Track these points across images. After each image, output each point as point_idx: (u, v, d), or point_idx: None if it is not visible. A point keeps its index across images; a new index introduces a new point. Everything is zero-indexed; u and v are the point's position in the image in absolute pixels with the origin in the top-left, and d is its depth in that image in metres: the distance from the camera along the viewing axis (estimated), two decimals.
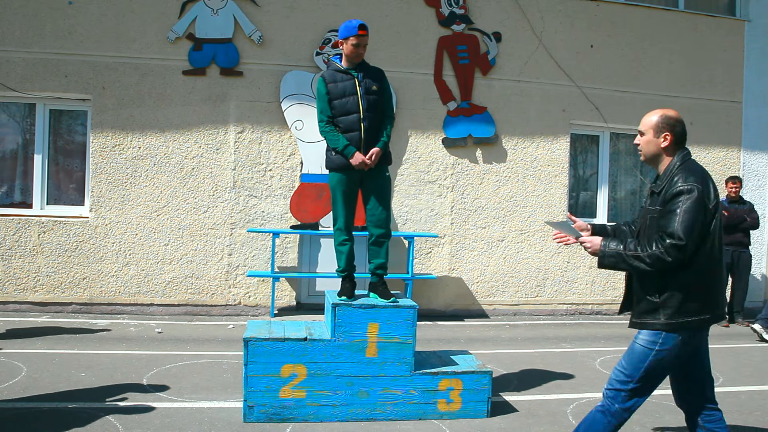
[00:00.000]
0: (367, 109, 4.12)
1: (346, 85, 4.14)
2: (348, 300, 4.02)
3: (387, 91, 4.29)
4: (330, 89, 4.15)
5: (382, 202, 4.20)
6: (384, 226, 4.22)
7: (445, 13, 7.58)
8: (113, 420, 3.74)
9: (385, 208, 4.21)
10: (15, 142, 7.20)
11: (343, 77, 4.16)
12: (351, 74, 4.15)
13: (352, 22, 4.07)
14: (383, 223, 4.21)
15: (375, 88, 4.16)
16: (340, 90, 4.14)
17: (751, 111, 8.58)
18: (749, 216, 7.63)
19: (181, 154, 7.10)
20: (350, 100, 4.12)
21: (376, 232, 4.21)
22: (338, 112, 4.14)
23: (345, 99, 4.13)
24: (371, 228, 4.23)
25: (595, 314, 8.10)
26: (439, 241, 7.61)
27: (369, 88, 4.15)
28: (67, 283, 6.93)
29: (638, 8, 8.23)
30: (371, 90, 4.15)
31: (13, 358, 4.99)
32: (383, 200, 4.21)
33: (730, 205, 7.68)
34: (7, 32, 6.84)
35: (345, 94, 4.13)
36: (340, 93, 4.14)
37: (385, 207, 4.21)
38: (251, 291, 7.23)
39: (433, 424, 3.93)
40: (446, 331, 6.80)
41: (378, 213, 4.19)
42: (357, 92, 4.12)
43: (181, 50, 7.06)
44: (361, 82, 4.14)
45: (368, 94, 4.14)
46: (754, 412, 4.32)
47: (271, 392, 3.84)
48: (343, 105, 4.13)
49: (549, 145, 7.92)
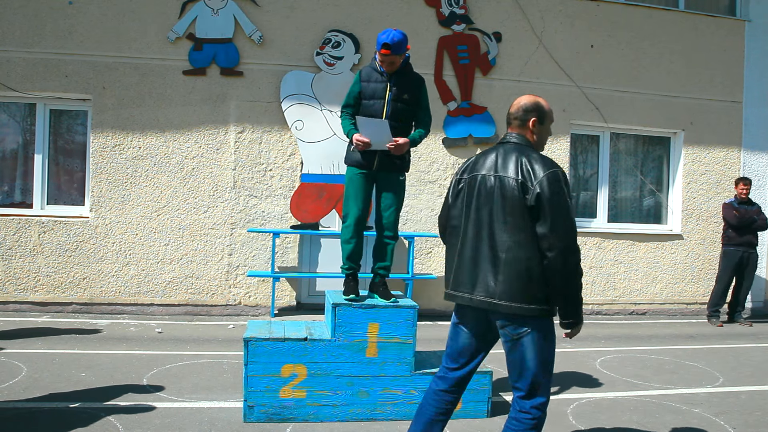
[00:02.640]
0: (390, 116, 4.05)
1: (376, 87, 4.09)
2: (356, 298, 4.01)
3: (424, 97, 4.20)
4: (363, 87, 4.12)
5: (393, 205, 4.16)
6: (391, 229, 4.19)
7: (445, 13, 7.58)
8: (113, 420, 3.74)
9: (395, 212, 4.18)
10: (15, 142, 7.20)
11: (377, 78, 4.10)
12: (385, 78, 4.08)
13: (381, 37, 3.96)
14: (391, 225, 4.18)
15: (405, 96, 4.08)
16: (370, 90, 4.11)
17: (751, 111, 8.58)
18: (758, 217, 7.63)
19: (181, 154, 7.10)
20: (377, 104, 4.07)
21: (383, 233, 4.20)
22: (364, 112, 4.12)
23: (372, 101, 4.09)
24: (378, 229, 4.22)
25: (596, 314, 8.10)
26: (439, 241, 7.61)
27: (399, 96, 4.07)
28: (67, 283, 6.93)
29: (638, 8, 8.23)
30: (401, 98, 4.07)
31: (13, 358, 4.99)
32: (394, 203, 4.16)
33: (740, 206, 7.67)
34: (7, 32, 6.84)
35: (374, 96, 4.09)
36: (370, 94, 4.10)
37: (394, 210, 4.17)
38: (251, 291, 7.24)
39: None
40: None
41: (387, 215, 4.16)
42: (385, 97, 4.06)
43: (181, 50, 7.06)
44: (392, 87, 4.07)
45: (396, 101, 4.07)
46: (755, 412, 4.32)
47: (272, 392, 3.84)
48: (369, 106, 4.09)
49: (549, 145, 7.92)
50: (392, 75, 4.08)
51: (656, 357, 5.90)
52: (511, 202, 2.63)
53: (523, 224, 2.61)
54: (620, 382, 4.98)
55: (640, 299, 8.26)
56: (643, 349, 6.21)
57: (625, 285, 8.20)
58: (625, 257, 8.19)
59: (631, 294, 8.22)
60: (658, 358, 5.87)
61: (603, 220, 8.33)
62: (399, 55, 3.99)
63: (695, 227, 8.45)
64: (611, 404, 4.42)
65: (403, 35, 3.96)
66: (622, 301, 8.20)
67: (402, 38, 3.95)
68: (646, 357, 5.89)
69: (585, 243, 8.04)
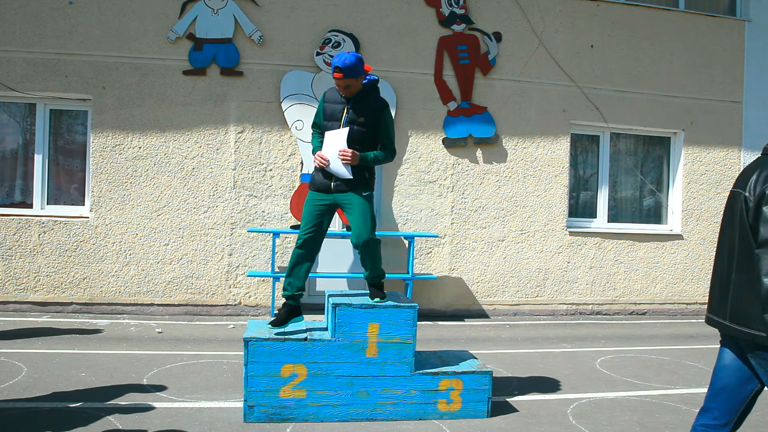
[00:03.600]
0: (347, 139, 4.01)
1: (335, 109, 4.09)
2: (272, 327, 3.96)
3: (384, 123, 4.12)
4: (325, 108, 4.15)
5: (360, 219, 4.06)
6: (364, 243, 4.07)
7: (445, 13, 7.58)
8: (113, 420, 3.74)
9: (364, 225, 4.06)
10: (15, 142, 7.20)
11: (337, 99, 4.11)
12: (344, 100, 4.08)
13: (333, 60, 3.93)
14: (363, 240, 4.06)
15: (362, 120, 4.03)
16: (330, 111, 4.12)
17: (751, 111, 8.58)
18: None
19: (181, 154, 7.10)
20: (334, 125, 4.07)
21: (357, 247, 4.13)
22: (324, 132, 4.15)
23: (331, 123, 4.09)
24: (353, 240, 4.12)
25: (596, 314, 8.10)
26: (439, 241, 7.61)
27: (355, 119, 4.03)
28: (67, 283, 6.93)
29: (638, 8, 8.23)
30: (357, 121, 4.03)
31: (13, 358, 4.99)
32: (361, 219, 4.06)
33: None
34: (7, 32, 6.84)
35: (332, 118, 4.10)
36: (330, 115, 4.12)
37: (363, 224, 4.06)
38: (251, 291, 7.24)
39: (434, 424, 3.93)
40: (446, 331, 6.80)
41: (357, 230, 4.07)
42: (341, 120, 4.06)
43: (181, 50, 7.06)
44: (349, 109, 4.05)
45: (352, 123, 4.03)
46: (754, 412, 4.31)
47: (272, 392, 3.84)
48: (328, 127, 4.10)
49: (549, 145, 7.92)
50: (353, 98, 4.06)
51: (656, 357, 5.90)
52: (746, 221, 2.46)
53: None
54: (620, 382, 4.98)
55: (640, 299, 8.26)
56: (643, 349, 6.21)
57: (625, 285, 8.20)
58: (625, 257, 8.19)
59: (631, 294, 8.22)
60: (658, 358, 5.87)
61: (603, 220, 8.33)
62: (354, 78, 3.93)
63: (695, 227, 8.45)
64: (611, 404, 4.42)
65: (357, 58, 3.91)
66: (622, 301, 8.20)
67: (355, 61, 3.89)
68: (646, 357, 5.89)
69: (585, 243, 8.04)
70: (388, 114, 4.17)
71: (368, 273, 4.21)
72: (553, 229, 7.94)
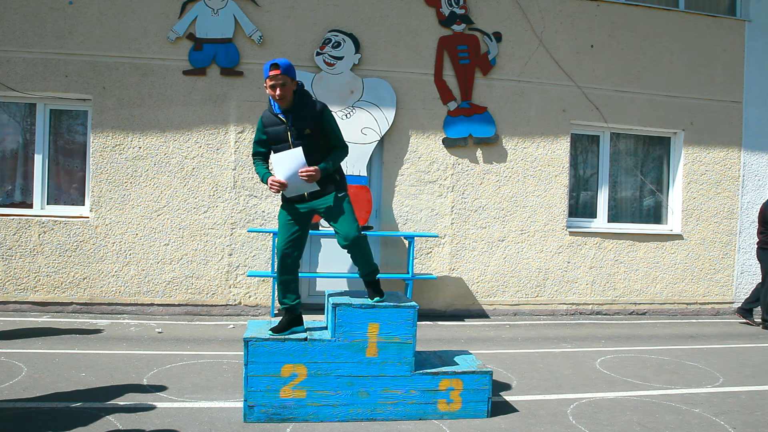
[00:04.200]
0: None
1: (278, 131, 4.02)
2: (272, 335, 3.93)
3: (328, 126, 4.06)
4: (267, 132, 4.07)
5: (344, 219, 4.05)
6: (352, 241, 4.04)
7: (445, 13, 7.58)
8: (113, 420, 3.74)
9: (347, 223, 4.04)
10: (15, 142, 7.20)
11: (275, 121, 4.03)
12: (282, 119, 4.01)
13: (265, 65, 3.91)
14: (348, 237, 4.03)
15: (308, 131, 3.99)
16: (274, 136, 4.04)
17: (751, 111, 8.58)
18: None
19: (181, 154, 7.10)
20: (284, 147, 4.01)
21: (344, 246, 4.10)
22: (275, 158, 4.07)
23: (280, 145, 4.03)
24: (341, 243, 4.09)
25: (596, 314, 8.10)
26: (439, 241, 7.61)
27: (301, 133, 3.98)
28: (67, 283, 6.93)
29: (638, 8, 8.23)
30: (303, 134, 3.98)
31: (13, 358, 4.99)
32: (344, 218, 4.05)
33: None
34: (7, 32, 6.84)
35: (279, 141, 4.03)
36: (275, 139, 4.04)
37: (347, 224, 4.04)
38: (251, 291, 7.24)
39: (434, 424, 3.93)
40: (446, 331, 6.80)
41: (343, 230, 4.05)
42: (288, 139, 4.00)
43: (181, 50, 7.06)
44: (291, 127, 3.99)
45: (300, 138, 3.98)
46: (755, 412, 4.32)
47: (272, 392, 3.84)
48: (279, 150, 4.03)
49: (549, 145, 7.92)
50: (288, 113, 3.98)
51: (656, 357, 5.90)
52: None
53: None
54: (620, 382, 4.98)
55: (640, 299, 8.26)
56: (643, 349, 6.21)
57: (625, 285, 8.20)
58: (626, 257, 8.19)
59: (631, 294, 8.22)
60: (658, 358, 5.87)
61: (603, 220, 8.33)
62: (290, 78, 3.90)
63: (695, 227, 8.45)
64: (611, 404, 4.42)
65: (289, 62, 3.92)
66: (622, 301, 8.20)
67: (289, 63, 3.90)
68: (646, 357, 5.89)
69: (585, 243, 8.05)
70: (329, 114, 4.08)
71: (362, 270, 4.17)
72: (553, 229, 7.94)
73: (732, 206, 8.55)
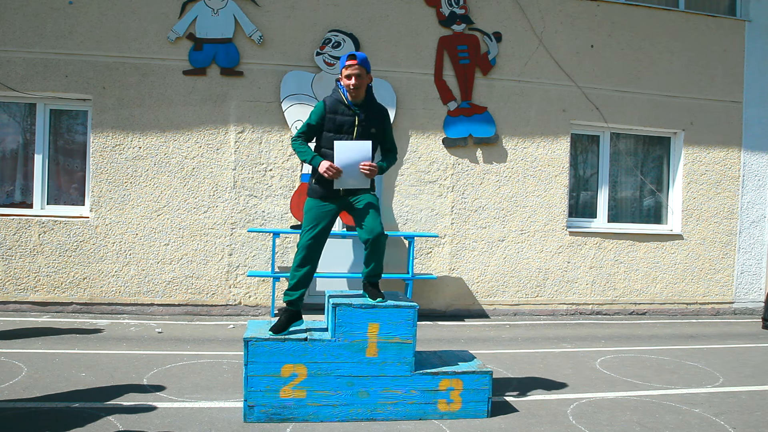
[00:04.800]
0: None
1: (344, 121, 4.01)
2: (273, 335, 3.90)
3: (389, 128, 4.20)
4: (327, 119, 4.03)
5: (373, 214, 4.07)
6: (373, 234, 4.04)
7: (445, 13, 7.58)
8: (113, 420, 3.74)
9: (376, 221, 4.06)
10: (15, 142, 7.20)
11: (344, 111, 4.03)
12: (353, 111, 4.02)
13: (342, 57, 4.00)
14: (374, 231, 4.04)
15: (373, 130, 4.05)
16: (337, 123, 4.02)
17: (751, 111, 8.58)
18: None
19: (181, 154, 7.10)
20: (344, 138, 4.01)
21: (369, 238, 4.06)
22: (329, 144, 4.02)
23: (340, 135, 4.01)
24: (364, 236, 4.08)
25: (596, 314, 8.10)
26: (439, 241, 7.61)
27: (367, 130, 4.03)
28: (67, 283, 6.93)
29: (638, 8, 8.23)
30: (369, 132, 4.03)
31: (13, 358, 4.99)
32: (373, 213, 4.07)
33: None
34: (7, 32, 6.84)
35: (341, 130, 4.01)
36: (337, 127, 4.02)
37: (374, 218, 4.06)
38: (251, 291, 7.24)
39: (434, 424, 3.93)
40: (446, 331, 6.80)
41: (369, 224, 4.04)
42: (353, 132, 4.01)
43: (181, 50, 7.06)
44: (361, 122, 4.02)
45: (364, 136, 4.02)
46: (755, 412, 4.32)
47: (272, 392, 3.84)
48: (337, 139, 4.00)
49: (549, 145, 7.92)
50: (359, 107, 4.03)
51: (656, 357, 5.90)
52: None
53: None
54: (620, 382, 4.98)
55: (640, 299, 8.26)
56: (643, 349, 6.21)
57: (625, 285, 8.20)
58: (626, 257, 8.19)
59: (631, 294, 8.22)
60: (658, 358, 5.87)
61: (603, 220, 8.33)
62: (366, 71, 3.96)
63: (695, 227, 8.45)
64: (611, 404, 4.42)
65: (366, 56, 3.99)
66: (622, 301, 8.20)
67: (365, 56, 3.97)
68: (646, 357, 5.89)
69: (585, 243, 8.05)
70: (389, 120, 4.23)
71: (371, 269, 4.14)
72: (553, 229, 7.94)
73: (732, 206, 8.55)
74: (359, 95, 4.02)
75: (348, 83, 3.97)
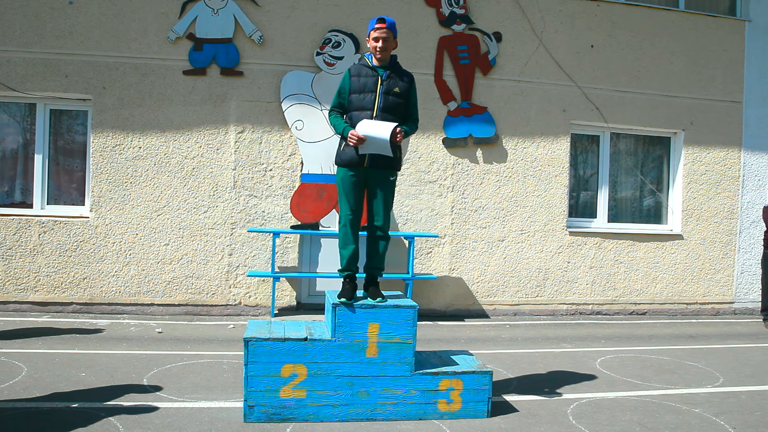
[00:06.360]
0: (383, 108, 4.05)
1: (367, 81, 4.09)
2: (347, 301, 3.99)
3: (413, 93, 4.25)
4: (352, 82, 4.12)
5: (384, 203, 4.14)
6: (383, 229, 4.17)
7: (445, 13, 7.58)
8: (113, 420, 3.74)
9: (386, 210, 4.15)
10: (15, 141, 7.20)
11: (368, 72, 4.11)
12: (376, 71, 4.10)
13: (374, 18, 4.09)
14: (382, 225, 4.16)
15: (397, 90, 4.11)
16: (360, 84, 4.10)
17: (751, 111, 8.58)
18: None
19: (181, 154, 7.10)
20: (368, 97, 4.07)
21: (375, 233, 4.18)
22: (354, 106, 4.10)
23: (363, 95, 4.08)
24: (370, 229, 4.20)
25: (596, 314, 8.10)
26: (439, 241, 7.61)
27: (390, 89, 4.09)
28: (67, 283, 6.93)
29: (638, 8, 8.23)
30: (392, 91, 4.09)
31: (13, 358, 4.99)
32: (385, 202, 4.15)
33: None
34: (7, 32, 6.84)
35: (364, 90, 4.09)
36: (360, 88, 4.10)
37: (385, 208, 4.15)
38: (251, 291, 7.24)
39: (434, 424, 3.93)
40: (446, 331, 6.80)
41: (378, 215, 4.14)
42: (376, 90, 4.07)
43: (181, 50, 7.06)
44: (384, 81, 4.09)
45: (388, 94, 4.08)
46: (755, 412, 4.32)
47: (272, 392, 3.84)
48: (360, 100, 4.08)
49: (549, 145, 7.92)
50: (384, 69, 4.11)
51: (656, 357, 5.90)
52: None
53: None
54: (620, 382, 4.98)
55: (640, 299, 8.26)
56: (643, 349, 6.21)
57: (625, 285, 8.20)
58: (626, 257, 8.19)
59: (631, 294, 8.22)
60: (658, 358, 5.87)
61: (603, 220, 8.33)
62: (393, 35, 4.07)
63: (695, 227, 8.45)
64: (611, 404, 4.42)
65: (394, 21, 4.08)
66: (622, 301, 8.20)
67: (393, 21, 4.07)
68: (646, 357, 5.89)
69: (585, 243, 8.05)
70: (415, 86, 4.28)
71: (374, 263, 4.20)
72: (553, 229, 7.94)
73: (732, 206, 8.55)
74: (384, 58, 4.11)
75: (375, 45, 4.07)
